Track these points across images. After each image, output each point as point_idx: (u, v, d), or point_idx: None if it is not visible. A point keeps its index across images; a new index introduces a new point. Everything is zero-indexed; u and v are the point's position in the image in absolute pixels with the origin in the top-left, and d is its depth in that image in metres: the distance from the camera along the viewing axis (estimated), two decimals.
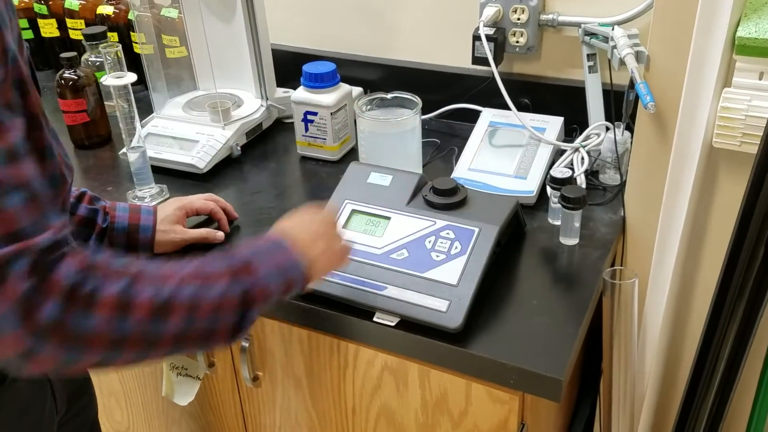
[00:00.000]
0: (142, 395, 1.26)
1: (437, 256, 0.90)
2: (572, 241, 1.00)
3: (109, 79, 1.08)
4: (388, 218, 0.96)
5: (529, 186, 1.08)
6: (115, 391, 1.30)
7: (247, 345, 1.02)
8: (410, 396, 0.94)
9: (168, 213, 1.02)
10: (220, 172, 1.24)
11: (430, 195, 0.96)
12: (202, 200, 1.06)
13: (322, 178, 1.22)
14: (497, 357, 0.83)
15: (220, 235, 1.04)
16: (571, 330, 0.86)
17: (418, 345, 0.87)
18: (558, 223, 1.04)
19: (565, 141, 1.16)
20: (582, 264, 0.97)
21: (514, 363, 0.82)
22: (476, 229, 0.92)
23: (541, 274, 0.96)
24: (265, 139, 1.35)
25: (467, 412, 0.91)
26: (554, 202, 1.02)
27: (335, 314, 0.91)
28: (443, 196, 0.96)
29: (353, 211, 0.98)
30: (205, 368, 1.09)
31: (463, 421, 0.92)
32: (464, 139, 1.21)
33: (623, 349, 0.98)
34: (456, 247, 0.91)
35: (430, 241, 0.92)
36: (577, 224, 0.99)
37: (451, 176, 1.12)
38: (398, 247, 0.93)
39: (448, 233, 0.92)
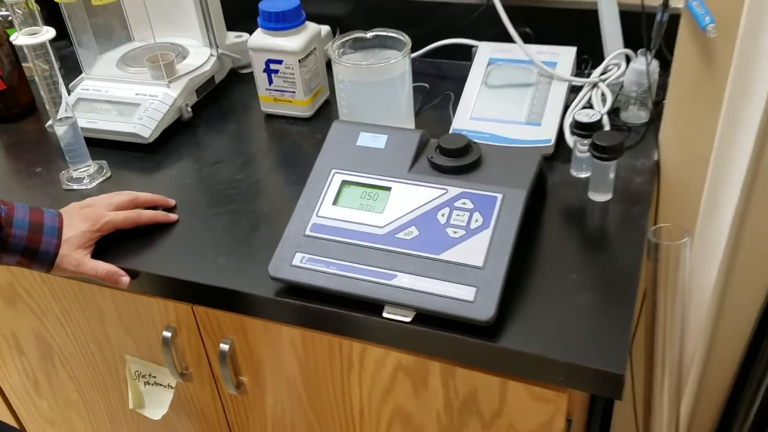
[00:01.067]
0: (107, 407, 1.08)
1: (455, 233, 0.74)
2: (605, 197, 0.85)
3: (20, 38, 0.86)
4: (388, 189, 0.78)
5: (545, 134, 0.91)
6: (73, 401, 1.12)
7: (226, 348, 0.85)
8: (431, 397, 0.79)
9: (76, 233, 0.80)
10: (170, 140, 1.05)
11: (438, 157, 0.79)
12: (123, 216, 0.84)
13: (295, 139, 1.03)
14: (540, 351, 0.68)
15: (125, 280, 0.82)
16: (623, 310, 0.72)
17: (439, 342, 0.72)
18: (584, 175, 0.88)
19: (577, 76, 0.99)
20: (621, 224, 0.82)
21: (562, 358, 0.67)
22: (499, 196, 0.75)
23: (574, 239, 0.80)
24: (220, 96, 1.15)
25: (502, 412, 0.76)
26: (581, 151, 0.86)
27: (334, 311, 0.74)
28: (453, 157, 0.78)
29: (344, 183, 0.80)
30: (177, 377, 0.92)
31: (497, 422, 0.78)
32: (457, 81, 1.03)
33: (669, 320, 0.84)
34: (476, 220, 0.74)
35: (443, 215, 0.75)
36: (612, 176, 0.83)
37: (451, 128, 0.94)
38: (405, 224, 0.76)
39: (464, 203, 0.76)
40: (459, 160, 0.78)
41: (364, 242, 0.75)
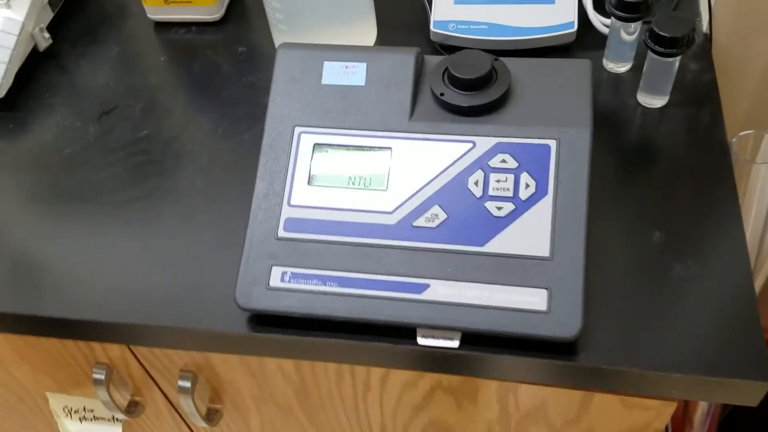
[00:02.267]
0: None
1: (499, 209, 0.51)
2: (662, 100, 0.63)
3: None
4: (388, 149, 0.54)
5: (563, 15, 0.66)
6: None
7: (187, 385, 0.62)
8: (480, 411, 0.61)
9: None
10: (30, 85, 0.74)
11: (450, 92, 0.54)
12: None
13: (208, 57, 0.74)
14: (645, 366, 0.49)
15: None
16: (738, 274, 0.53)
17: (496, 364, 0.51)
18: (623, 69, 0.65)
19: None
20: (692, 138, 0.61)
21: (677, 371, 0.49)
22: (552, 143, 0.52)
23: (637, 172, 0.59)
24: (85, 4, 0.82)
25: (579, 420, 0.59)
26: (628, 33, 0.62)
27: (342, 342, 0.52)
28: (475, 90, 0.53)
29: (318, 148, 0.54)
30: (121, 413, 0.69)
31: (571, 429, 0.60)
32: None
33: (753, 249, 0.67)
34: (527, 185, 0.51)
35: (476, 182, 0.52)
36: (675, 71, 0.61)
37: (431, 22, 0.68)
38: (424, 203, 0.52)
39: (504, 160, 0.52)
40: (484, 94, 0.53)
41: (369, 238, 0.52)
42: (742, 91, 0.67)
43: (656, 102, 0.63)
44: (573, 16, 0.66)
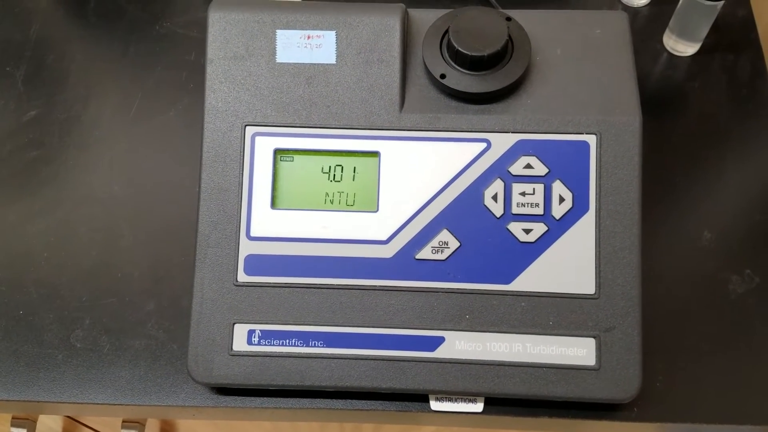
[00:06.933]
0: None
1: (526, 232, 0.39)
2: (694, 47, 0.51)
3: None
4: (374, 155, 0.40)
5: None
6: None
7: None
8: None
9: None
10: None
11: (453, 73, 0.40)
12: None
13: (109, 1, 0.56)
14: (714, 420, 0.40)
15: None
16: None
17: (529, 424, 0.42)
18: (642, 1, 0.52)
19: None
20: (734, 96, 0.49)
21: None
22: (592, 139, 0.40)
23: (671, 141, 0.48)
24: None
25: None
26: None
27: (334, 410, 0.41)
28: (486, 70, 0.40)
29: (279, 154, 0.40)
30: None
31: None
32: None
33: None
34: (561, 199, 0.39)
35: (494, 196, 0.39)
36: (717, 13, 0.48)
37: None
38: (427, 228, 0.39)
39: (528, 165, 0.40)
40: (499, 75, 0.39)
41: (359, 279, 0.39)
42: None
43: (688, 49, 0.50)
44: None
